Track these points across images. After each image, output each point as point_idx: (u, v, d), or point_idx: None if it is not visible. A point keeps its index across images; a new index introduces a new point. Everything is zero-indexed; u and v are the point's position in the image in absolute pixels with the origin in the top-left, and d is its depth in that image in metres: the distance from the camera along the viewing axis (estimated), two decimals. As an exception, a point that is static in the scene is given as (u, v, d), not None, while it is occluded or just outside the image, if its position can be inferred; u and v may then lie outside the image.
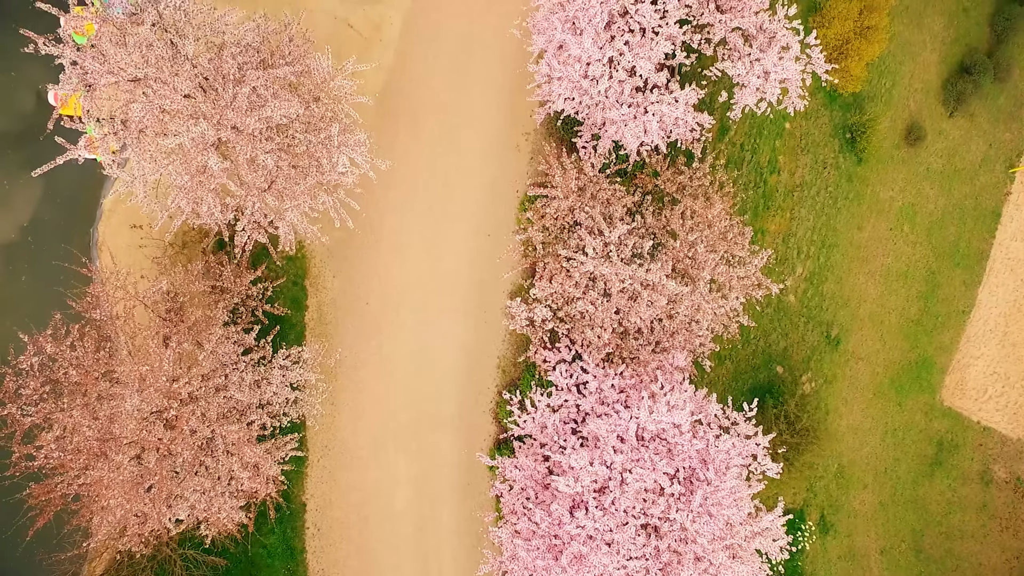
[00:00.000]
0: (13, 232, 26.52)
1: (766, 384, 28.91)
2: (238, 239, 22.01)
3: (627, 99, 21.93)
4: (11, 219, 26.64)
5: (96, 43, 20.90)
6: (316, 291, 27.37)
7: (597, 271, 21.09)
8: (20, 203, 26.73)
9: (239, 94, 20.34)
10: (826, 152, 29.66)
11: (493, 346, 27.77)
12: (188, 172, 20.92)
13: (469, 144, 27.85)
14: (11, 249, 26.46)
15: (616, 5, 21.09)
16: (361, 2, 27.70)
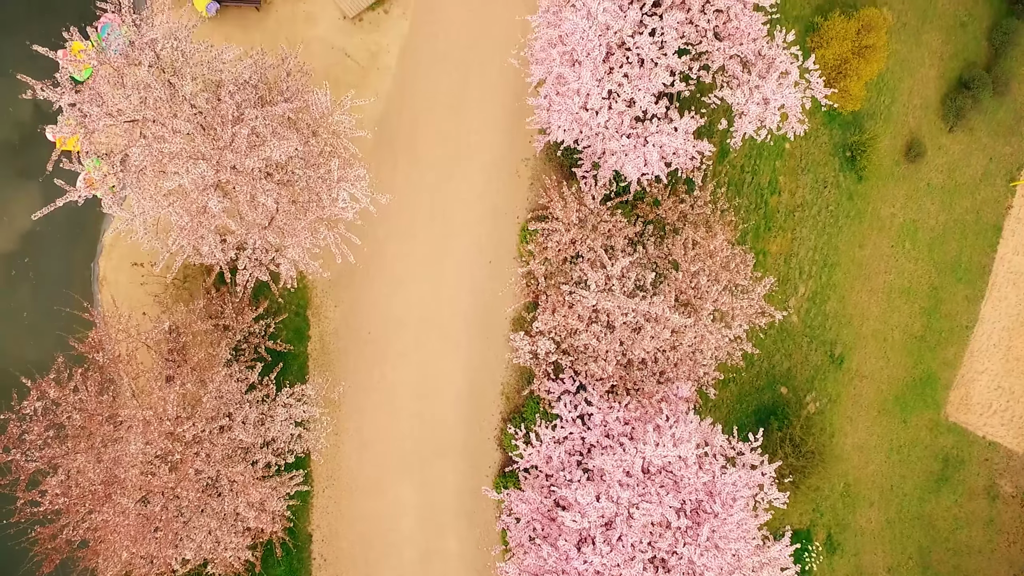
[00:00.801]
0: (13, 268, 26.50)
1: (770, 405, 28.86)
2: (239, 277, 21.97)
3: (627, 129, 21.88)
4: (11, 254, 26.62)
5: (93, 85, 20.87)
6: (318, 321, 27.33)
7: (600, 305, 21.04)
8: (19, 238, 26.71)
9: (238, 135, 20.31)
10: (826, 171, 29.62)
11: (496, 373, 27.72)
12: (188, 212, 20.88)
13: (468, 171, 27.81)
14: (12, 283, 26.44)
15: (614, 37, 21.04)
16: (358, 31, 27.67)
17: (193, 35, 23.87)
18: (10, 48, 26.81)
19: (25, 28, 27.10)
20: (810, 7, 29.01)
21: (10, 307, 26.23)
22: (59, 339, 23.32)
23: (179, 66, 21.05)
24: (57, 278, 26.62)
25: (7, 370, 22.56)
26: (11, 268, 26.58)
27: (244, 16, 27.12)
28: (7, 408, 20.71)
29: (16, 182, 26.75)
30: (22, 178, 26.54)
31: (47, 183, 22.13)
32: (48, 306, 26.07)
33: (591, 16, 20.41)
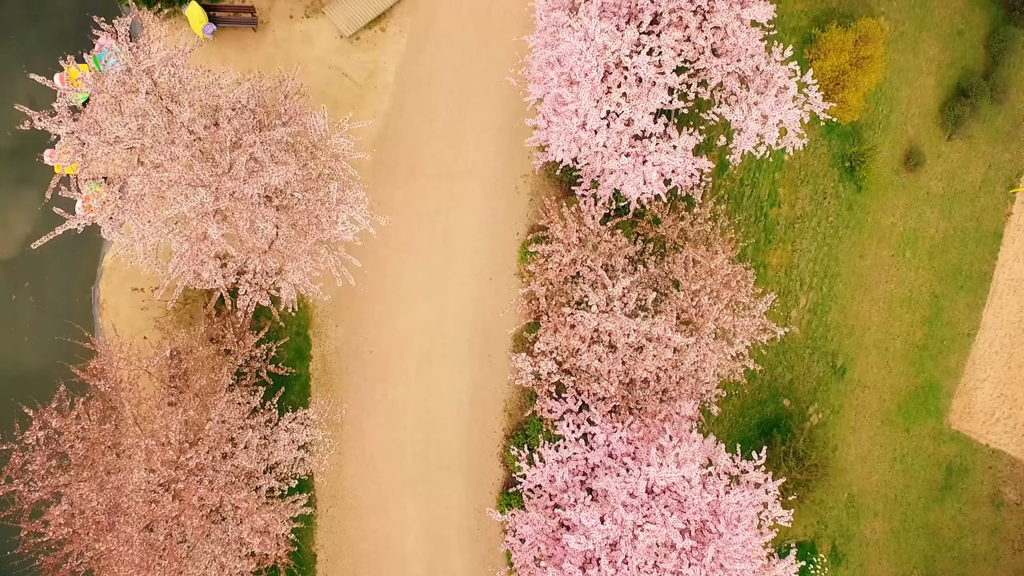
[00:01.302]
0: (14, 293, 26.48)
1: (773, 418, 28.82)
2: (240, 302, 21.94)
3: (625, 148, 21.84)
4: (11, 278, 26.59)
5: (91, 112, 20.83)
6: (320, 341, 27.30)
7: (602, 326, 21.01)
8: (20, 262, 26.65)
9: (236, 161, 20.28)
10: (826, 182, 29.59)
11: (499, 390, 27.68)
12: (188, 239, 20.87)
13: (467, 188, 27.79)
14: (12, 308, 26.41)
15: (611, 57, 21.01)
16: (355, 50, 27.64)
17: (190, 59, 23.90)
18: (10, 70, 26.89)
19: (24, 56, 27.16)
20: (807, 19, 28.99)
21: (12, 332, 26.23)
22: (61, 366, 23.26)
23: (176, 92, 21.03)
24: (58, 302, 26.62)
25: (8, 398, 22.51)
26: (11, 292, 26.56)
27: (241, 37, 27.10)
28: (9, 438, 20.68)
29: (15, 205, 26.74)
30: (21, 202, 26.51)
31: (47, 206, 22.05)
32: (49, 331, 26.09)
33: (588, 38, 20.38)
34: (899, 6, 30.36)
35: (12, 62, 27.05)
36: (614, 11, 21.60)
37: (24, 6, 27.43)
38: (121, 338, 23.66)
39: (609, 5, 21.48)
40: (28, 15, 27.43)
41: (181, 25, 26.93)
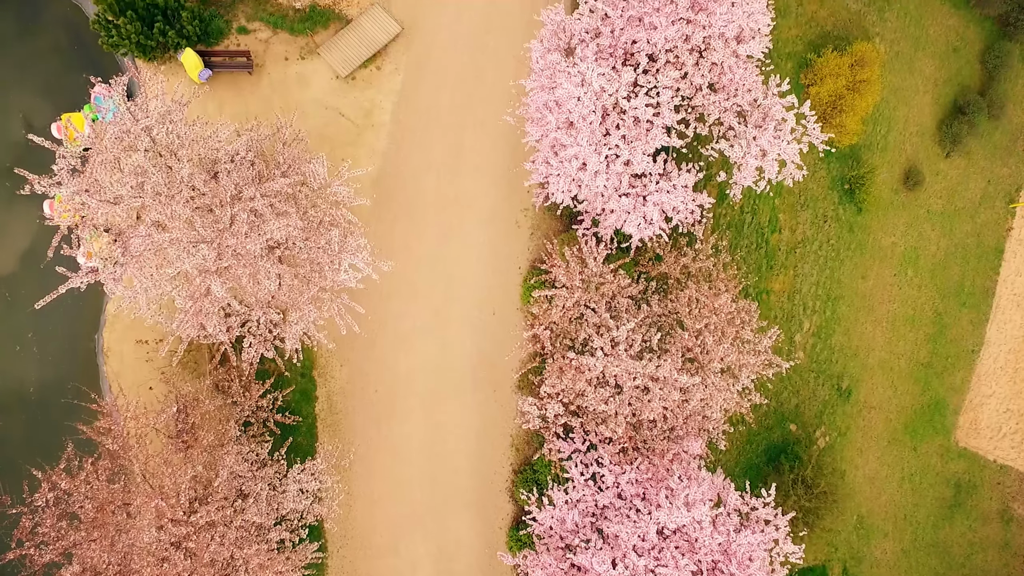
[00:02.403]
0: (17, 344, 26.45)
1: (780, 443, 28.82)
2: (245, 355, 21.92)
3: (625, 188, 21.82)
4: (15, 328, 26.57)
5: (91, 171, 20.80)
6: (324, 381, 27.28)
7: (608, 371, 21.01)
8: (23, 313, 26.62)
9: (237, 217, 20.26)
10: (825, 205, 29.58)
11: (505, 424, 27.67)
12: (192, 296, 20.85)
13: (468, 223, 27.77)
14: (17, 359, 26.39)
15: (609, 100, 20.99)
16: (351, 90, 27.62)
17: (187, 110, 23.89)
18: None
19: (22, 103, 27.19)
20: (802, 43, 28.97)
21: (17, 385, 26.19)
22: (68, 419, 23.27)
23: (175, 147, 21.01)
24: (62, 352, 26.61)
25: (16, 460, 22.51)
26: (15, 343, 26.54)
27: (237, 81, 27.07)
28: (19, 501, 20.66)
29: (18, 256, 26.72)
30: (25, 255, 26.50)
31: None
32: (55, 384, 26.10)
33: (586, 82, 20.36)
34: (893, 26, 30.36)
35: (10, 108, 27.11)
36: (610, 52, 21.58)
37: (23, 49, 27.43)
38: (127, 394, 23.58)
39: (605, 47, 21.46)
40: (27, 59, 27.42)
41: (177, 70, 26.92)
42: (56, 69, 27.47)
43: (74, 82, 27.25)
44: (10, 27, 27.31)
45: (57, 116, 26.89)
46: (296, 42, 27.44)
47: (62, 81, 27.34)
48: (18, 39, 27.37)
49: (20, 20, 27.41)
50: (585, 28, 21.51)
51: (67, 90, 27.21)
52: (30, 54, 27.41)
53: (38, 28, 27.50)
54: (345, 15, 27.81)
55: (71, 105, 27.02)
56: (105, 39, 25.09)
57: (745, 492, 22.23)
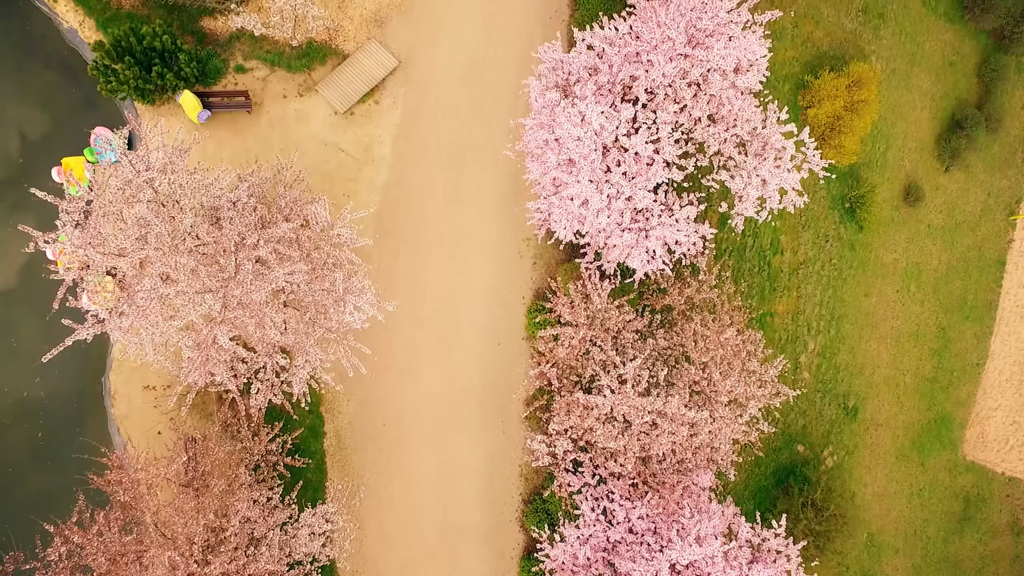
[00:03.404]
0: (25, 390, 26.52)
1: (788, 465, 28.85)
2: (253, 401, 21.97)
3: (628, 224, 21.87)
4: (22, 371, 26.62)
5: (94, 224, 20.85)
6: (332, 417, 27.33)
7: (616, 410, 21.05)
8: (29, 358, 26.68)
9: (242, 266, 20.30)
10: (826, 225, 29.61)
11: (514, 455, 27.71)
12: (198, 346, 20.90)
13: (470, 255, 27.82)
14: (24, 404, 26.45)
15: (609, 137, 21.03)
16: (350, 125, 27.67)
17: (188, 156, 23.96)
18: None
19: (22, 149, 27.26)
20: (798, 65, 29.01)
21: (25, 431, 26.26)
22: (78, 468, 23.33)
23: (177, 196, 21.06)
24: (69, 397, 26.68)
25: (27, 512, 22.56)
26: (23, 390, 26.61)
27: (235, 120, 27.13)
28: (32, 556, 20.72)
29: (23, 301, 26.78)
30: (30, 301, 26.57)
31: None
32: (63, 428, 26.18)
33: (585, 123, 20.40)
34: (889, 43, 30.40)
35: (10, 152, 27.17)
36: (609, 89, 21.63)
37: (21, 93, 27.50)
38: (136, 437, 23.66)
39: (604, 84, 21.51)
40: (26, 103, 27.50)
41: (176, 111, 26.98)
42: (55, 113, 27.54)
43: (73, 125, 27.35)
44: (8, 72, 27.39)
45: (57, 161, 27.03)
46: (294, 79, 27.50)
47: (61, 125, 27.42)
48: (16, 83, 27.44)
49: (18, 65, 27.48)
50: (583, 65, 21.56)
51: (67, 134, 27.30)
52: (29, 98, 27.48)
53: (36, 72, 27.57)
54: (342, 50, 27.87)
55: (71, 149, 27.14)
56: (103, 85, 25.14)
57: (756, 523, 22.26)
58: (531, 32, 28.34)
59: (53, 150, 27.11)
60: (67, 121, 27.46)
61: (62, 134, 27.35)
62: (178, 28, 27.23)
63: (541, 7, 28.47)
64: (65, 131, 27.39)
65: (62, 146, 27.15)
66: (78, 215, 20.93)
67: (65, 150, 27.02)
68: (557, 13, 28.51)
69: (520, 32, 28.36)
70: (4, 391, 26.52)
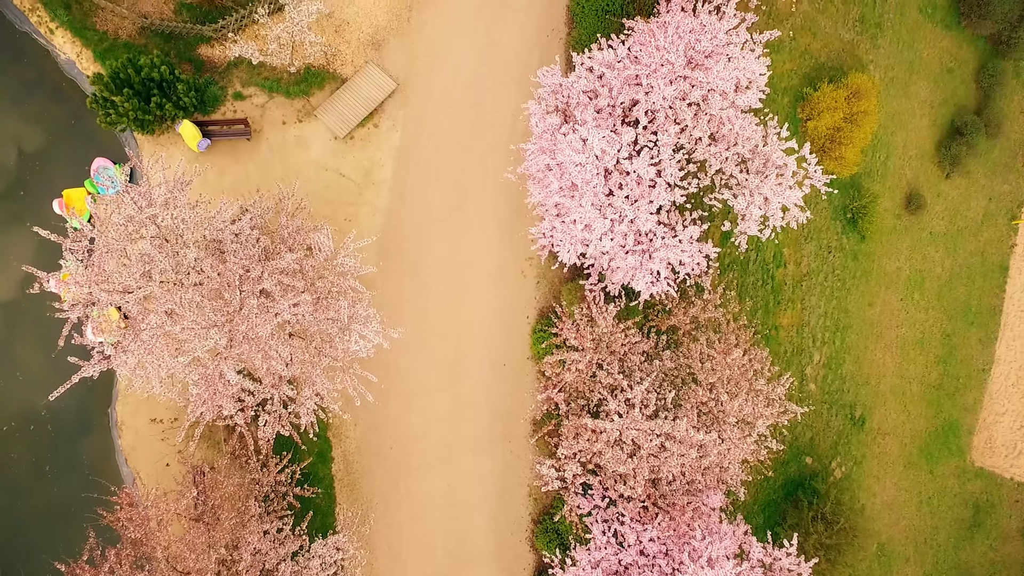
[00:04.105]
0: (32, 423, 26.49)
1: (797, 477, 28.82)
2: (261, 433, 21.95)
3: (632, 247, 21.84)
4: (29, 407, 26.59)
5: (98, 262, 20.81)
6: (340, 442, 27.31)
7: (624, 435, 21.03)
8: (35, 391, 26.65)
9: (247, 302, 20.28)
10: (829, 236, 29.58)
11: (522, 474, 27.69)
12: (205, 380, 20.88)
13: (474, 276, 27.79)
14: (32, 437, 26.43)
15: (610, 162, 21.01)
16: (350, 149, 27.66)
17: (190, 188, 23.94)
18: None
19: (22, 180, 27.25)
20: (797, 77, 28.98)
21: (34, 466, 26.24)
22: (88, 504, 23.31)
23: (180, 232, 21.04)
24: (76, 428, 26.66)
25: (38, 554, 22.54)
26: (29, 423, 26.59)
27: (236, 147, 27.12)
28: (44, 595, 20.74)
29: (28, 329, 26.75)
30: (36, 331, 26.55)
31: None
32: (71, 460, 26.17)
33: (587, 148, 20.37)
34: (887, 52, 30.37)
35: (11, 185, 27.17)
36: (609, 112, 21.60)
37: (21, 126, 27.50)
38: (144, 468, 23.63)
39: (604, 107, 21.49)
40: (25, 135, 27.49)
41: (176, 140, 26.97)
42: (55, 144, 27.51)
43: (73, 157, 27.34)
44: (7, 104, 27.36)
45: (58, 193, 27.02)
46: (292, 105, 27.49)
47: (61, 156, 27.40)
48: (15, 116, 27.41)
49: (16, 97, 27.47)
50: (583, 89, 21.53)
51: (67, 165, 27.28)
52: (28, 131, 27.46)
53: (35, 104, 27.54)
54: (340, 75, 27.85)
55: (72, 180, 27.13)
56: (103, 118, 25.13)
57: (767, 542, 22.23)
58: (529, 51, 28.33)
59: (54, 182, 27.11)
60: (67, 152, 27.44)
61: (62, 165, 27.33)
62: (175, 57, 27.22)
63: (538, 26, 28.45)
64: (65, 162, 27.37)
65: (63, 178, 27.15)
66: (82, 253, 20.93)
67: (66, 181, 27.03)
68: (555, 32, 28.49)
69: (518, 51, 28.34)
70: (11, 424, 26.51)
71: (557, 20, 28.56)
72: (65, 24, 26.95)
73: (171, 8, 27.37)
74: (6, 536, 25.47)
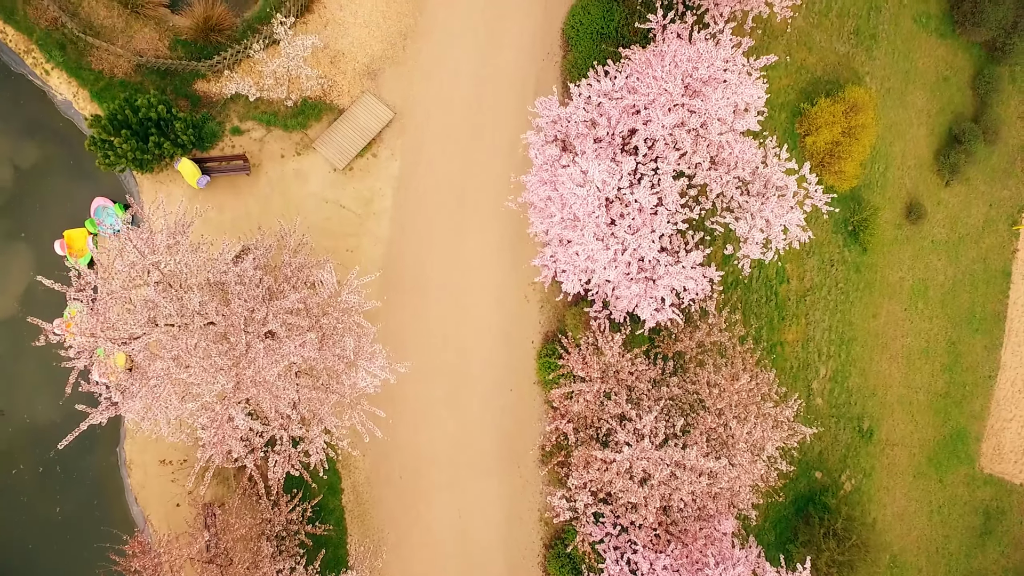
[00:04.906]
0: (40, 465, 26.49)
1: (807, 492, 28.83)
2: (271, 474, 21.94)
3: (635, 275, 21.84)
4: (37, 450, 26.59)
5: (102, 310, 20.79)
6: (349, 472, 27.31)
7: (634, 466, 21.04)
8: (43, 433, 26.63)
9: (252, 344, 20.27)
10: (831, 250, 29.58)
11: (532, 499, 27.68)
12: (213, 424, 20.87)
13: (478, 302, 27.79)
14: (41, 479, 26.42)
15: (612, 192, 21.01)
16: (349, 180, 27.65)
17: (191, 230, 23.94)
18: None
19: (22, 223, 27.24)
20: (794, 92, 28.98)
21: (42, 509, 26.23)
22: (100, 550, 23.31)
23: (184, 277, 21.03)
24: (85, 468, 26.67)
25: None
26: (38, 465, 26.58)
27: (235, 183, 27.11)
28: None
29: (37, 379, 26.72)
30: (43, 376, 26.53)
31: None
32: (81, 502, 26.17)
33: (588, 181, 20.37)
34: (882, 63, 30.38)
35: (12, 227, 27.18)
36: (608, 141, 21.61)
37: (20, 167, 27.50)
38: (155, 508, 23.61)
39: (603, 138, 21.49)
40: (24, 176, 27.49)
41: (175, 176, 26.95)
42: (54, 185, 27.50)
43: (73, 197, 27.32)
44: (5, 147, 27.35)
45: (59, 234, 27.02)
46: (291, 138, 27.48)
47: (61, 197, 27.38)
48: (13, 158, 27.40)
49: (14, 139, 27.46)
50: (581, 120, 21.53)
51: (67, 205, 27.27)
52: (27, 172, 27.45)
53: (32, 145, 27.52)
54: (337, 105, 27.84)
55: (72, 220, 27.12)
56: (102, 160, 25.12)
57: (781, 566, 22.24)
58: (525, 75, 28.33)
59: (54, 223, 27.10)
60: (66, 193, 27.43)
61: (62, 206, 27.32)
62: (172, 93, 27.20)
63: (533, 50, 28.45)
64: (65, 203, 27.36)
65: (63, 218, 27.13)
66: (87, 301, 20.93)
67: (66, 222, 27.03)
68: (550, 55, 28.49)
69: (514, 76, 28.34)
70: (20, 467, 26.52)
71: (552, 44, 28.57)
72: (60, 64, 26.93)
73: (166, 45, 27.36)
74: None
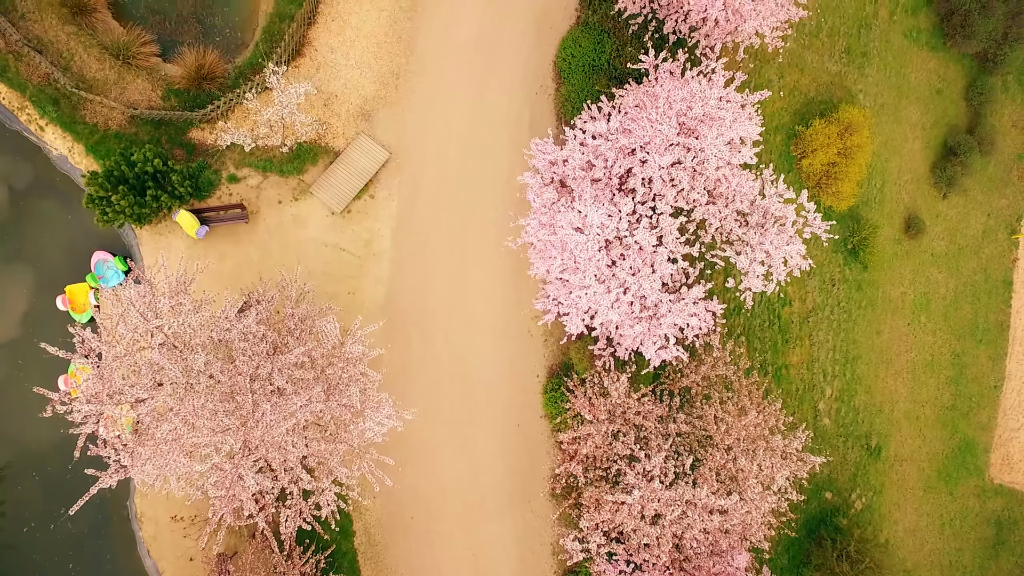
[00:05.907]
0: (51, 523, 26.48)
1: (818, 514, 28.82)
2: (283, 528, 21.93)
3: (639, 314, 21.84)
4: (48, 504, 26.60)
5: (107, 375, 20.81)
6: (360, 515, 27.31)
7: (646, 509, 21.04)
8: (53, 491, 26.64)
9: (259, 404, 20.27)
10: (831, 269, 29.59)
11: (543, 533, 27.69)
12: (223, 485, 20.86)
13: (481, 338, 27.80)
14: (53, 535, 26.43)
15: (611, 234, 21.01)
16: (348, 223, 27.66)
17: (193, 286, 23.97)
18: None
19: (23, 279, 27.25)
20: (788, 114, 28.98)
21: (55, 566, 26.23)
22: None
23: (188, 338, 21.03)
24: (96, 524, 26.66)
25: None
26: (49, 523, 26.57)
27: (234, 231, 27.11)
28: None
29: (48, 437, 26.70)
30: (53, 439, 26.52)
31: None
32: (92, 556, 26.17)
33: (587, 226, 20.37)
34: (875, 80, 30.39)
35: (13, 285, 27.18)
36: (606, 183, 21.62)
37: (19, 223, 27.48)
38: (168, 565, 23.56)
39: (601, 179, 21.50)
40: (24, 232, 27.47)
41: (173, 227, 26.95)
42: (53, 241, 27.50)
43: (73, 252, 27.33)
44: (3, 203, 27.35)
45: (61, 289, 27.03)
46: (287, 184, 27.48)
47: (61, 252, 27.39)
48: (11, 215, 27.40)
49: (11, 196, 27.45)
50: (577, 164, 21.54)
51: (67, 260, 27.28)
52: (26, 229, 27.44)
53: (30, 202, 27.51)
54: (332, 148, 27.85)
55: (73, 275, 27.13)
56: (100, 217, 25.12)
57: (796, 599, 22.28)
58: (519, 109, 28.33)
59: (55, 279, 27.11)
60: (66, 248, 27.43)
61: (62, 261, 27.33)
62: (166, 142, 27.21)
63: (526, 84, 28.45)
64: (65, 258, 27.37)
65: (64, 274, 27.14)
66: (92, 364, 20.94)
67: (67, 277, 27.04)
68: (543, 88, 28.50)
69: (508, 109, 28.35)
70: (32, 526, 26.51)
71: (544, 77, 28.58)
72: (55, 120, 26.93)
73: (159, 95, 27.37)
74: (35, 641, 25.56)
